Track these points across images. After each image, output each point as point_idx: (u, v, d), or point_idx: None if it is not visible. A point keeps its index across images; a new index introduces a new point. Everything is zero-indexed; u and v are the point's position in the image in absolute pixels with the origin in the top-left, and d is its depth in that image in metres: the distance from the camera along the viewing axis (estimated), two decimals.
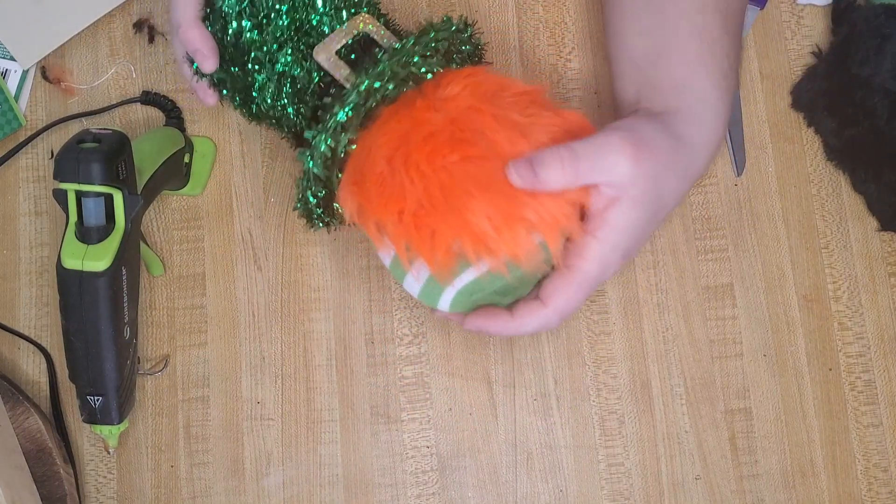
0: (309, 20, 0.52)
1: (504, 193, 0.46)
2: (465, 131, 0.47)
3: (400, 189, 0.46)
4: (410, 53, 0.49)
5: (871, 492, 0.60)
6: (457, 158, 0.46)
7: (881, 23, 0.60)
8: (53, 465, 0.58)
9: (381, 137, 0.48)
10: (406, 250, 0.48)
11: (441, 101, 0.48)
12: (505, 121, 0.47)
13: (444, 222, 0.46)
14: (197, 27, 0.53)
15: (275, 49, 0.53)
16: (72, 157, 0.51)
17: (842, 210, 0.64)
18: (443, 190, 0.46)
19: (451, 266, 0.47)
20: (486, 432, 0.61)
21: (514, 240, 0.46)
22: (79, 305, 0.52)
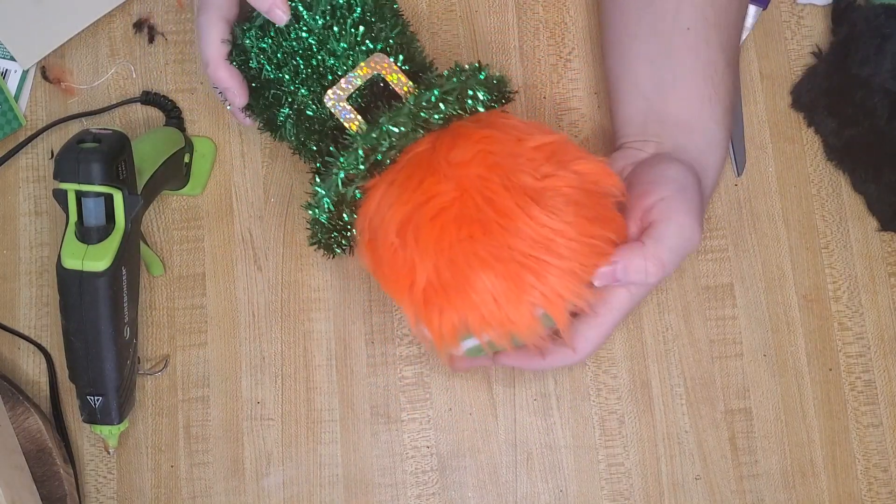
0: (324, 62, 0.52)
1: (509, 273, 0.46)
2: (471, 207, 0.47)
3: (410, 264, 0.48)
4: (408, 112, 0.49)
5: (871, 492, 0.60)
6: (464, 237, 0.47)
7: (881, 23, 0.60)
8: (53, 465, 0.58)
9: (391, 207, 0.49)
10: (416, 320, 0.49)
11: (452, 168, 0.48)
12: (516, 189, 0.47)
13: (451, 302, 0.47)
14: (224, 67, 0.53)
15: (293, 88, 0.53)
16: (72, 157, 0.51)
17: (842, 210, 0.64)
18: (451, 269, 0.47)
19: (456, 338, 0.49)
20: (486, 432, 0.61)
21: (518, 318, 0.47)
22: (79, 305, 0.52)
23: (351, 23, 0.51)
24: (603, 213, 0.49)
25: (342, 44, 0.51)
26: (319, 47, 0.52)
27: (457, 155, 0.48)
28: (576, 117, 0.65)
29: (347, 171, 0.49)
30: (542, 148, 0.49)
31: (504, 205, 0.47)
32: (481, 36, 0.66)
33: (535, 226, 0.47)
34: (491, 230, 0.47)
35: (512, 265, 0.46)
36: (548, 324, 0.49)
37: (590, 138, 0.64)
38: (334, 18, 0.52)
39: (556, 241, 0.47)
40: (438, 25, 0.66)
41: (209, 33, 0.53)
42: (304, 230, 0.63)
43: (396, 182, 0.49)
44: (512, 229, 0.46)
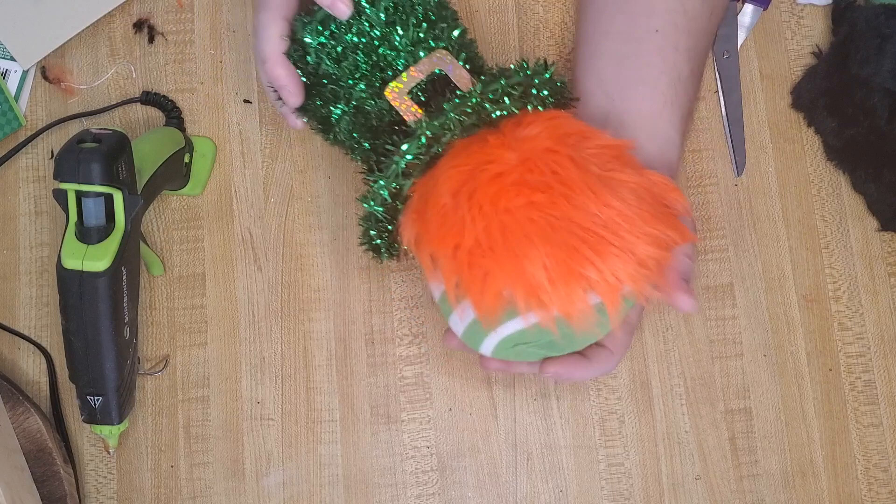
0: (385, 57, 0.51)
1: (566, 245, 0.43)
2: (536, 173, 0.45)
3: (460, 224, 0.45)
4: (475, 102, 0.47)
5: (871, 492, 0.60)
6: (522, 202, 0.44)
7: (881, 23, 0.60)
8: (53, 465, 0.58)
9: (449, 170, 0.46)
10: (455, 288, 0.46)
11: (518, 141, 0.46)
12: (583, 167, 0.45)
13: (499, 266, 0.44)
14: (283, 65, 0.52)
15: (350, 84, 0.52)
16: (72, 157, 0.51)
17: (842, 210, 0.64)
18: (503, 232, 0.44)
19: (498, 312, 0.45)
20: (486, 432, 0.61)
21: (569, 297, 0.44)
22: (79, 305, 0.52)
23: (414, 20, 0.51)
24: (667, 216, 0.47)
25: (404, 40, 0.50)
26: (381, 42, 0.51)
27: (524, 131, 0.46)
28: None
29: (408, 160, 0.47)
30: (609, 147, 0.48)
31: (570, 178, 0.44)
32: (481, 36, 0.66)
33: (600, 204, 0.44)
34: (554, 199, 0.44)
35: (571, 238, 0.43)
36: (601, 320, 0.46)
37: None
38: (397, 14, 0.51)
39: (620, 224, 0.44)
40: None
41: (268, 30, 0.52)
42: (304, 230, 0.63)
43: (455, 149, 0.47)
44: (574, 202, 0.44)
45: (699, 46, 0.58)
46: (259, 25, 0.53)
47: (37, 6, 0.64)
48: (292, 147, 0.64)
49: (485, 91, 0.47)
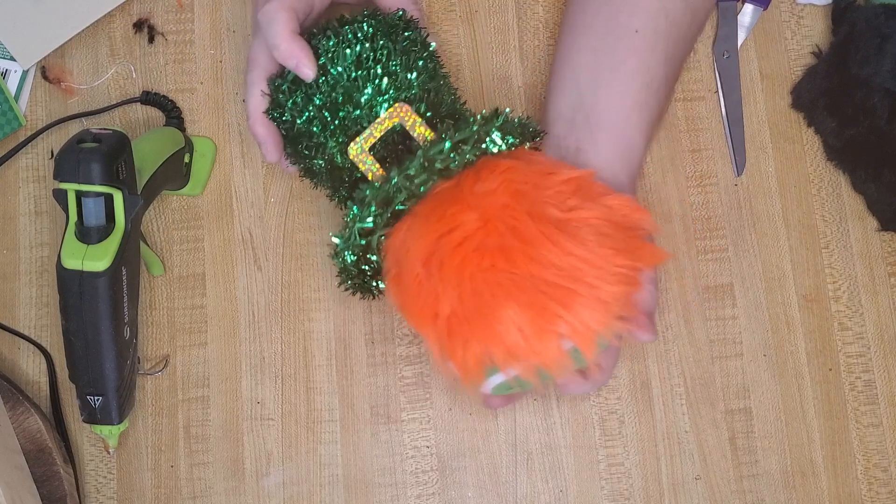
0: (349, 114, 0.53)
1: (534, 303, 0.45)
2: (495, 235, 0.46)
3: (434, 295, 0.46)
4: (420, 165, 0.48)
5: (871, 492, 0.60)
6: (487, 266, 0.46)
7: (881, 23, 0.60)
8: (53, 465, 0.58)
9: (417, 238, 0.48)
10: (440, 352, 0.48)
11: (476, 198, 0.47)
12: (540, 218, 0.46)
13: (475, 333, 0.46)
14: (262, 123, 0.55)
15: (322, 140, 0.53)
16: (72, 157, 0.51)
17: (842, 210, 0.64)
18: (474, 299, 0.45)
19: (481, 373, 0.47)
20: (486, 432, 0.61)
21: (545, 351, 0.45)
22: (79, 305, 0.52)
23: (374, 74, 0.52)
24: (632, 245, 0.48)
25: (365, 95, 0.52)
26: (346, 100, 0.52)
27: (481, 186, 0.48)
28: None
29: (362, 225, 0.49)
30: (569, 182, 0.48)
31: (528, 233, 0.46)
32: (481, 36, 0.66)
33: (560, 254, 0.45)
34: (514, 259, 0.45)
35: (536, 295, 0.45)
36: (578, 360, 0.47)
37: None
38: (359, 70, 0.52)
39: (582, 269, 0.45)
40: (438, 25, 0.66)
41: (253, 87, 0.55)
42: (304, 230, 0.63)
43: (421, 214, 0.49)
44: (536, 258, 0.45)
45: (676, 53, 0.58)
46: (247, 84, 0.56)
47: (37, 6, 0.64)
48: None
49: (427, 153, 0.48)
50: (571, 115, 0.56)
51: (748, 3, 0.66)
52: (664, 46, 0.56)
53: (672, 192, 0.64)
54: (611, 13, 0.57)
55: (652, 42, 0.56)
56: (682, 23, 0.57)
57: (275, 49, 0.52)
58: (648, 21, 0.56)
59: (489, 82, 0.65)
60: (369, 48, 0.52)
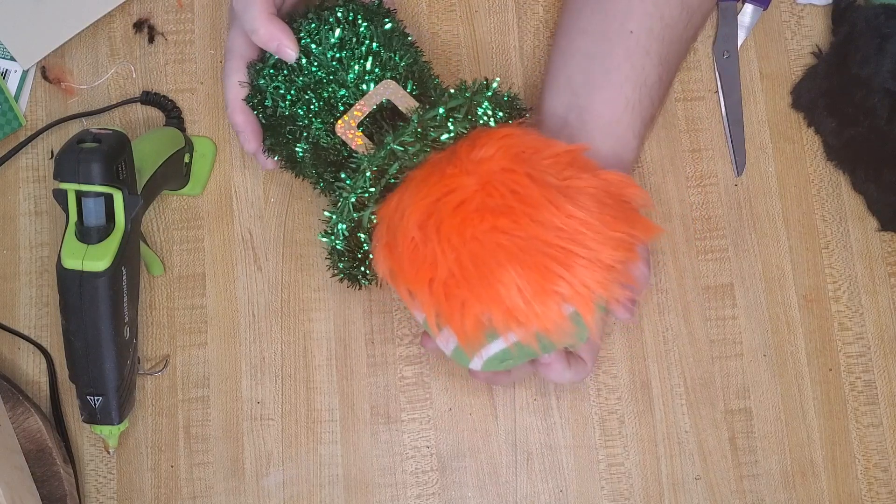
0: (334, 93, 0.52)
1: (536, 264, 0.45)
2: (496, 197, 0.46)
3: (431, 258, 0.46)
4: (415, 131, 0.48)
5: (871, 492, 0.60)
6: (487, 228, 0.45)
7: (881, 23, 0.60)
8: (53, 465, 0.58)
9: (413, 203, 0.47)
10: (435, 318, 0.47)
11: (474, 164, 0.47)
12: (541, 182, 0.46)
13: (474, 294, 0.45)
14: (241, 111, 0.55)
15: (307, 123, 0.53)
16: (72, 157, 0.51)
17: (842, 210, 0.64)
18: (473, 260, 0.45)
19: (480, 338, 0.47)
20: (486, 432, 0.61)
21: (546, 313, 0.45)
22: (79, 305, 0.52)
23: (359, 54, 0.52)
24: (630, 215, 0.48)
25: (351, 75, 0.52)
26: (329, 80, 0.52)
27: (478, 153, 0.47)
28: None
29: (357, 193, 0.49)
30: (565, 154, 0.48)
31: (530, 195, 0.45)
32: (481, 36, 0.66)
33: (562, 217, 0.45)
34: (517, 220, 0.45)
35: (539, 256, 0.44)
36: (578, 325, 0.47)
37: None
38: (343, 51, 0.52)
39: (584, 233, 0.45)
40: (438, 25, 0.66)
41: (230, 78, 0.55)
42: (304, 230, 0.63)
43: (417, 178, 0.48)
44: (538, 219, 0.45)
45: (671, 54, 0.58)
46: (224, 73, 0.55)
47: (37, 6, 0.64)
48: None
49: (423, 119, 0.48)
50: (565, 112, 0.57)
51: (748, 4, 0.66)
52: (658, 48, 0.57)
53: (672, 192, 0.64)
54: (605, 17, 0.57)
55: (646, 44, 0.56)
56: (678, 25, 0.58)
57: (254, 34, 0.52)
58: (643, 23, 0.56)
59: None
60: (351, 31, 0.52)
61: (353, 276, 0.55)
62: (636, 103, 0.56)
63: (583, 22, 0.59)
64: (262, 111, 0.55)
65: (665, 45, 0.57)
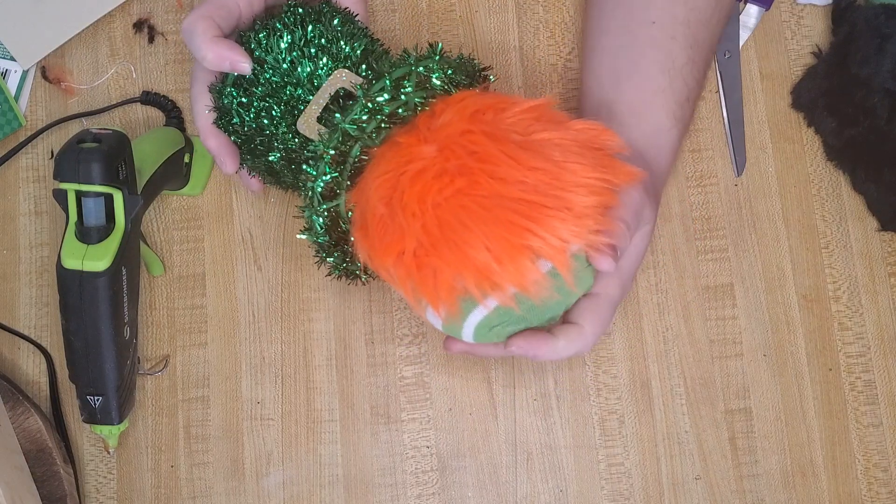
0: (292, 95, 0.52)
1: (503, 221, 0.43)
2: (454, 160, 0.44)
3: (399, 231, 0.44)
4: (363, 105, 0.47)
5: (871, 492, 0.60)
6: (449, 192, 0.44)
7: (881, 23, 0.60)
8: (53, 465, 0.58)
9: (375, 180, 0.46)
10: (413, 292, 0.45)
11: (433, 132, 0.45)
12: (502, 139, 0.44)
13: (444, 261, 0.44)
14: (214, 135, 0.54)
15: (273, 130, 0.53)
16: (72, 157, 0.51)
17: (842, 210, 0.64)
18: (439, 226, 0.44)
19: (457, 305, 0.45)
20: (486, 432, 0.61)
21: (519, 271, 0.43)
22: (79, 305, 0.52)
23: (308, 54, 0.52)
24: (603, 160, 0.46)
25: (304, 73, 0.52)
26: (285, 83, 0.52)
27: (437, 121, 0.46)
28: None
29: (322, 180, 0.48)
30: (530, 110, 0.46)
31: (489, 153, 0.44)
32: (481, 36, 0.66)
33: (524, 170, 0.43)
34: (476, 180, 0.43)
35: (503, 212, 0.43)
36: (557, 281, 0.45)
37: None
38: (293, 52, 0.52)
39: (550, 183, 0.43)
40: (438, 25, 0.66)
41: (198, 104, 0.54)
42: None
43: (378, 156, 0.47)
44: (499, 176, 0.43)
45: (699, 36, 0.57)
46: (192, 100, 0.55)
47: (37, 6, 0.64)
48: None
49: (368, 93, 0.47)
50: (596, 110, 0.57)
51: (751, 4, 0.66)
52: (685, 31, 0.56)
53: (672, 192, 0.64)
54: (626, 12, 0.57)
55: (671, 30, 0.56)
56: (705, 6, 0.57)
57: (203, 60, 0.52)
58: (665, 11, 0.56)
59: None
60: (300, 34, 0.52)
61: (349, 270, 0.54)
62: (666, 87, 0.56)
63: (605, 22, 0.59)
64: (232, 130, 0.54)
65: (692, 28, 0.56)
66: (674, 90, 0.56)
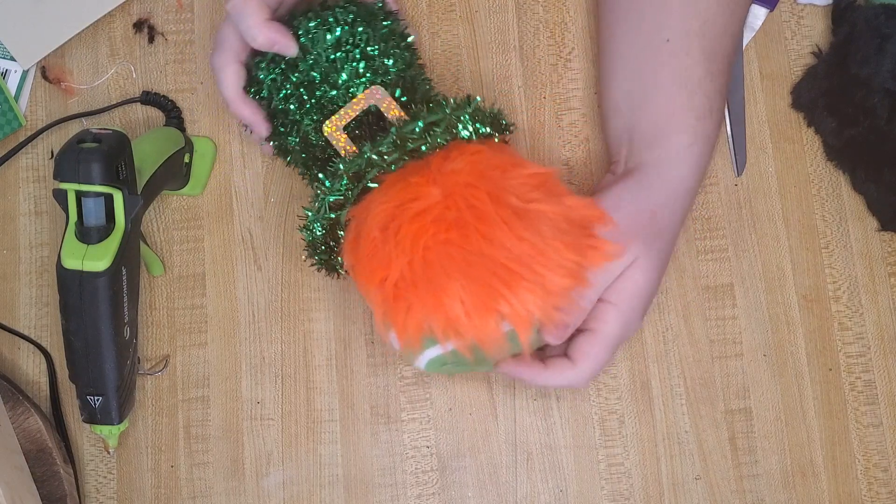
0: (325, 94, 0.54)
1: (482, 281, 0.47)
2: (454, 210, 0.47)
3: (387, 259, 0.48)
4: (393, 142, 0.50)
5: (871, 492, 0.60)
6: (441, 239, 0.47)
7: (881, 23, 0.60)
8: (53, 465, 0.58)
9: (379, 205, 0.49)
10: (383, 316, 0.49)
11: (442, 175, 0.48)
12: (501, 202, 0.48)
13: (420, 300, 0.47)
14: (245, 103, 0.55)
15: (298, 118, 0.55)
16: (72, 157, 0.51)
17: (842, 210, 0.64)
18: (424, 268, 0.47)
19: (420, 342, 0.49)
20: (486, 432, 0.61)
21: (483, 328, 0.47)
22: (79, 305, 0.52)
23: (353, 56, 0.54)
24: (584, 242, 0.50)
25: (343, 76, 0.54)
26: (322, 80, 0.54)
27: (448, 165, 0.49)
28: (576, 117, 0.65)
29: (334, 196, 0.51)
30: (534, 176, 0.50)
31: (486, 213, 0.47)
32: (481, 36, 0.66)
33: (513, 238, 0.47)
34: (468, 235, 0.47)
35: (483, 272, 0.47)
36: (514, 343, 0.49)
37: (590, 138, 0.64)
38: (339, 52, 0.54)
39: (533, 256, 0.47)
40: (438, 25, 0.66)
41: (225, 74, 0.55)
42: None
43: (386, 182, 0.50)
44: (490, 238, 0.47)
45: (717, 46, 0.57)
46: (215, 68, 0.55)
47: (37, 6, 0.64)
48: None
49: (401, 132, 0.50)
50: (619, 136, 0.58)
51: (755, 5, 0.65)
52: (700, 44, 0.56)
53: None
54: (639, 34, 0.57)
55: (685, 45, 0.56)
56: (719, 16, 0.57)
57: (253, 41, 0.53)
58: (678, 27, 0.56)
59: (489, 82, 0.65)
60: (349, 32, 0.54)
61: (330, 265, 0.56)
62: (684, 102, 0.55)
63: (614, 44, 0.59)
64: (259, 103, 0.56)
65: (708, 40, 0.56)
66: (693, 106, 0.56)
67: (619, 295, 0.52)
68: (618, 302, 0.52)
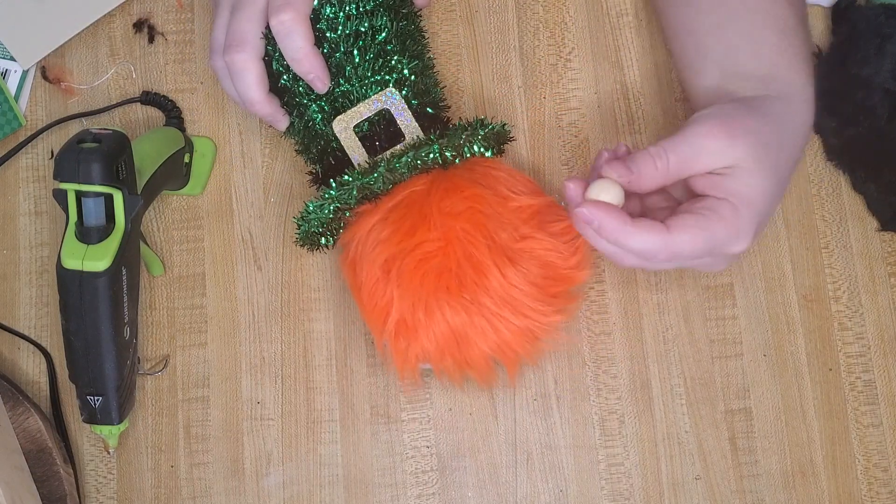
0: (339, 85, 0.54)
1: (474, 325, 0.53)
2: (453, 259, 0.53)
3: (389, 298, 0.53)
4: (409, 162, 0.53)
5: (871, 492, 0.60)
6: (442, 287, 0.53)
7: (881, 23, 0.60)
8: (53, 465, 0.58)
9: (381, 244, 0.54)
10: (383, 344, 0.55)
11: (442, 217, 0.53)
12: (495, 247, 0.53)
13: (418, 339, 0.54)
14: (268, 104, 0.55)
15: (305, 102, 0.55)
16: (72, 157, 0.51)
17: (842, 210, 0.64)
18: (425, 312, 0.53)
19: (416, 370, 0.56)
20: (486, 432, 0.61)
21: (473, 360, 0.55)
22: (79, 305, 0.52)
23: (368, 51, 0.54)
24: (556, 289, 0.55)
25: (357, 71, 0.54)
26: (336, 72, 0.54)
27: (447, 205, 0.53)
28: (576, 117, 0.65)
29: (340, 204, 0.53)
30: (528, 208, 0.55)
31: (482, 262, 0.53)
32: (481, 36, 0.66)
33: (505, 284, 0.53)
34: (465, 285, 0.53)
35: (478, 318, 0.53)
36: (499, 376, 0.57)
37: (589, 138, 0.64)
38: (355, 45, 0.54)
39: (520, 300, 0.53)
40: (438, 25, 0.66)
41: (250, 74, 0.54)
42: None
43: (389, 220, 0.54)
44: (483, 286, 0.53)
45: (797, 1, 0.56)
46: (236, 67, 0.54)
47: (37, 6, 0.64)
48: (292, 147, 0.64)
49: (417, 155, 0.53)
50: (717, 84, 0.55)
51: None
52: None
53: None
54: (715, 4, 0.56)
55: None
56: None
57: (296, 63, 0.52)
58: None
59: (489, 82, 0.65)
60: (368, 25, 0.54)
61: (313, 243, 0.58)
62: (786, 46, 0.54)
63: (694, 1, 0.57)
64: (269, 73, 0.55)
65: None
66: (794, 49, 0.54)
67: (732, 192, 0.49)
68: (733, 198, 0.49)
